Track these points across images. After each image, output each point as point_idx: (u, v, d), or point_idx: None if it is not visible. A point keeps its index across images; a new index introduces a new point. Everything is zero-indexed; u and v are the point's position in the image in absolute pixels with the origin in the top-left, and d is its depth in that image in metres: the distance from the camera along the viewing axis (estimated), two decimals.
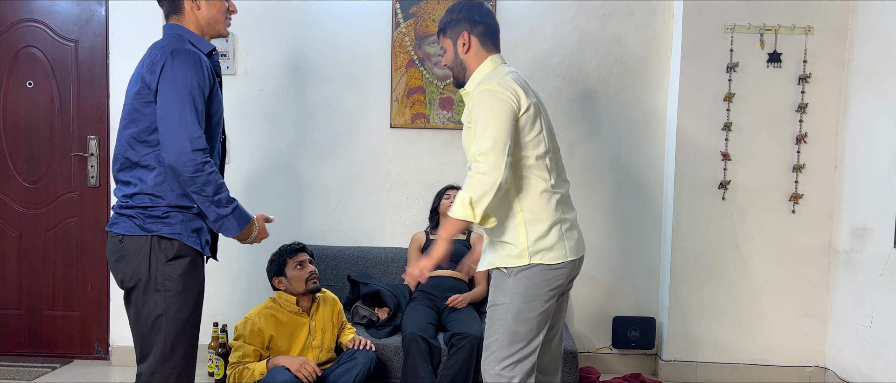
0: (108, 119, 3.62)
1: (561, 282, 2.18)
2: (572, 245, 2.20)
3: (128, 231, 2.06)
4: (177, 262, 2.05)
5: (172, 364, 2.08)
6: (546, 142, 2.16)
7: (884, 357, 3.04)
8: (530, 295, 2.14)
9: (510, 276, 2.17)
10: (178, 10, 2.16)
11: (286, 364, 2.70)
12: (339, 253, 3.60)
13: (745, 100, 3.44)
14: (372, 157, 3.71)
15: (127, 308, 2.13)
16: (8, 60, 3.64)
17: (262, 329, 2.82)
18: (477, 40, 2.23)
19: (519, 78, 2.18)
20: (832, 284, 3.47)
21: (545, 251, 2.14)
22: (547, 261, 2.14)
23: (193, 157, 1.97)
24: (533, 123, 2.12)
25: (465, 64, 2.26)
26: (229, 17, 2.25)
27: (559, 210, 2.17)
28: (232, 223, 2.09)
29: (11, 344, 3.74)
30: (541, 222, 2.14)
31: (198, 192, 2.01)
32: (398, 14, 3.63)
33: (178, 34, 2.14)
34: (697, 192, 3.49)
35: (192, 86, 2.00)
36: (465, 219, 2.06)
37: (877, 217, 3.11)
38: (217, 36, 2.23)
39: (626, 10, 3.60)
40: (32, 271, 3.72)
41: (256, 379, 2.71)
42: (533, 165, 2.14)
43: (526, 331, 2.15)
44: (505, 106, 2.06)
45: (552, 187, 2.16)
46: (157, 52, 2.05)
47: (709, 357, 3.56)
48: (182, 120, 1.97)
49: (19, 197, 3.70)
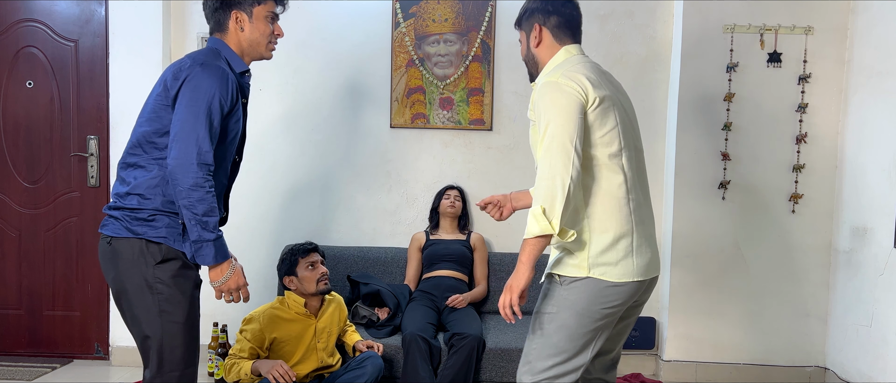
0: (108, 119, 3.62)
1: (619, 303, 1.93)
2: (642, 263, 1.94)
3: (115, 233, 2.04)
4: (166, 265, 2.03)
5: (172, 367, 2.06)
6: (621, 139, 1.92)
7: (884, 357, 3.04)
8: (581, 309, 1.92)
9: (562, 286, 1.95)
10: (223, 27, 2.15)
11: (263, 371, 2.68)
12: (339, 253, 3.60)
13: (745, 100, 3.44)
14: (372, 157, 3.71)
15: (121, 312, 2.11)
16: (8, 60, 3.64)
17: (263, 330, 2.82)
18: (549, 33, 2.04)
19: (592, 68, 1.97)
20: (832, 284, 3.47)
21: (607, 266, 1.90)
22: (608, 277, 1.90)
23: (196, 171, 1.94)
24: (603, 118, 1.89)
25: (536, 58, 2.08)
26: (274, 41, 2.20)
27: (632, 220, 1.93)
28: (210, 251, 1.99)
29: (11, 344, 3.74)
30: (607, 232, 1.90)
31: (188, 208, 1.95)
32: (398, 14, 3.63)
33: (215, 49, 2.12)
34: (697, 192, 3.49)
35: (212, 100, 1.99)
36: (543, 233, 1.82)
37: (877, 217, 3.11)
38: (259, 58, 2.20)
39: (626, 10, 3.60)
40: (32, 271, 3.72)
41: (241, 377, 2.71)
42: (604, 165, 1.90)
43: (569, 347, 1.93)
44: (569, 99, 1.84)
45: (626, 192, 1.92)
46: (187, 61, 2.05)
47: (709, 357, 3.56)
48: (194, 131, 1.96)
49: (19, 197, 3.69)
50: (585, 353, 1.95)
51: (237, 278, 2.08)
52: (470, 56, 3.64)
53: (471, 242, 3.55)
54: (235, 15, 2.13)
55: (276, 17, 2.20)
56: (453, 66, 3.65)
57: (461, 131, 3.69)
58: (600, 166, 1.91)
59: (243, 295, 2.11)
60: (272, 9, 2.17)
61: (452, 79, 3.65)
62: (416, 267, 3.53)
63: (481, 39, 3.63)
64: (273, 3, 2.17)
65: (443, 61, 3.65)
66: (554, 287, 1.98)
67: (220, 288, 2.06)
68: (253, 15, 2.14)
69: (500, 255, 3.64)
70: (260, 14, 2.15)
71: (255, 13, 2.14)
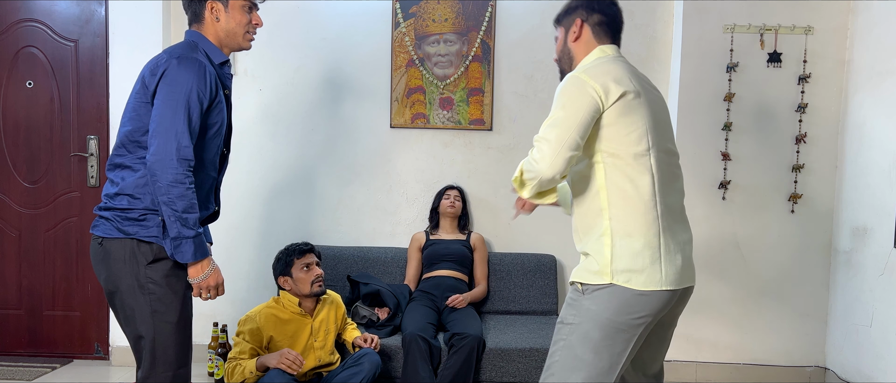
0: (108, 119, 3.62)
1: (648, 314, 1.81)
2: (673, 271, 1.83)
3: (106, 233, 2.03)
4: (158, 265, 2.02)
5: (165, 367, 2.05)
6: (649, 139, 1.84)
7: (884, 357, 3.04)
8: (605, 321, 1.81)
9: (585, 294, 1.85)
10: (199, 18, 2.13)
11: (271, 364, 2.68)
12: (339, 253, 3.60)
13: (745, 100, 3.44)
14: (372, 157, 3.71)
15: (114, 312, 2.11)
16: (8, 60, 3.64)
17: (261, 328, 2.82)
18: (590, 29, 1.99)
19: (624, 68, 1.91)
20: (832, 284, 3.47)
21: (632, 272, 1.80)
22: (633, 284, 1.80)
23: (176, 166, 1.93)
24: (628, 114, 1.82)
25: (572, 53, 2.02)
26: (253, 31, 2.19)
27: (660, 224, 1.83)
28: (189, 248, 1.97)
29: (11, 344, 3.74)
30: (632, 236, 1.81)
31: (168, 204, 1.93)
32: (398, 14, 3.63)
33: (193, 42, 2.11)
34: (697, 192, 3.49)
35: (191, 94, 1.97)
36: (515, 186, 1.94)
37: (877, 217, 3.11)
38: (238, 49, 2.18)
39: (627, 10, 3.56)
40: (32, 271, 3.72)
41: (246, 376, 2.71)
42: (630, 165, 1.83)
43: (594, 361, 1.82)
44: (585, 98, 1.80)
45: (653, 195, 1.83)
46: (164, 56, 2.03)
47: (709, 357, 3.55)
48: (173, 126, 1.94)
49: (19, 197, 3.69)
50: (613, 370, 1.83)
51: (216, 275, 2.07)
52: (470, 56, 3.64)
53: (471, 242, 3.56)
54: (211, 5, 2.11)
55: (253, 7, 2.18)
56: (453, 66, 3.65)
57: (461, 131, 3.69)
58: (626, 166, 1.83)
59: (220, 292, 2.10)
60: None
61: (452, 79, 3.65)
62: (416, 267, 3.53)
63: (481, 39, 3.63)
64: None
65: (443, 61, 3.65)
66: (577, 296, 1.89)
67: (200, 284, 2.05)
68: (228, 5, 2.12)
69: (500, 255, 3.64)
70: (236, 4, 2.13)
71: (230, 3, 2.12)
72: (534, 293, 3.56)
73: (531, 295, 3.56)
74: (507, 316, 3.49)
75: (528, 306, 3.55)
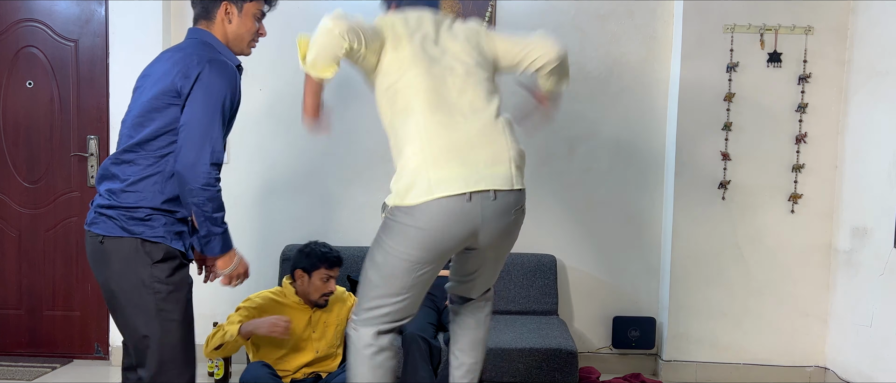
0: (108, 119, 3.62)
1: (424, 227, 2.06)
2: (444, 177, 2.06)
3: (108, 232, 2.00)
4: (164, 265, 2.02)
5: (173, 366, 2.05)
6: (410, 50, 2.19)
7: (884, 357, 3.04)
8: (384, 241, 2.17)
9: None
10: (210, 16, 2.11)
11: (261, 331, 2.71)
12: (340, 252, 3.58)
13: (745, 100, 3.44)
14: (373, 157, 3.71)
15: (113, 312, 2.10)
16: (8, 60, 3.64)
17: (261, 306, 2.86)
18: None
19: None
20: (832, 284, 3.47)
21: (399, 189, 2.13)
22: (400, 201, 2.13)
23: (209, 171, 1.95)
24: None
25: None
26: (256, 40, 2.20)
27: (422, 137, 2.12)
28: (218, 243, 2.06)
29: (11, 344, 3.74)
30: (401, 154, 2.17)
31: (199, 206, 1.97)
32: None
33: (207, 42, 2.08)
34: (697, 192, 3.49)
35: (225, 100, 1.99)
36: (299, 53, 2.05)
37: (877, 217, 3.11)
38: (239, 54, 2.18)
39: (626, 10, 3.60)
40: (32, 271, 3.72)
41: (226, 340, 2.72)
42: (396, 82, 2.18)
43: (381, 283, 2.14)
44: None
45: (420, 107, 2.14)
46: (193, 58, 2.00)
47: (709, 357, 3.56)
48: (208, 131, 1.95)
49: (19, 197, 3.69)
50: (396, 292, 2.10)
51: (243, 263, 2.19)
52: None
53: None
54: (226, 6, 2.10)
55: (262, 16, 2.19)
56: None
57: None
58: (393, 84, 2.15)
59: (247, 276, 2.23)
60: (261, 7, 2.17)
61: None
62: None
63: None
64: (263, 3, 2.17)
65: None
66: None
67: (230, 275, 2.16)
68: (242, 10, 2.12)
69: None
70: (249, 10, 2.13)
71: (244, 9, 2.12)
72: (534, 293, 3.56)
73: (531, 295, 3.56)
74: (507, 316, 3.49)
75: (528, 306, 3.55)
